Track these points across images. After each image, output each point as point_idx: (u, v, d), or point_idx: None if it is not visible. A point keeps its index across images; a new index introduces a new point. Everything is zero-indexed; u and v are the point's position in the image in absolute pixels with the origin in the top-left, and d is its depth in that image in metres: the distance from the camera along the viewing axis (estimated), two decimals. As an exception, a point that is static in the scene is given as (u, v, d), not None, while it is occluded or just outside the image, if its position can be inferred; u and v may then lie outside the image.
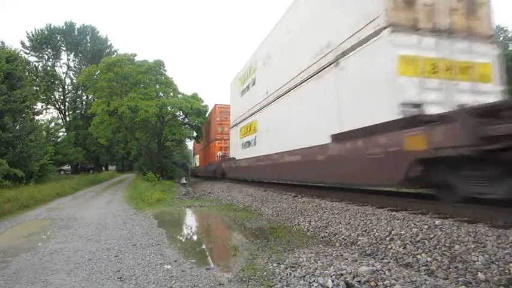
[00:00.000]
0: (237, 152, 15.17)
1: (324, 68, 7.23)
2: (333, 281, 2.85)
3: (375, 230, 4.38)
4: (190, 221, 7.77)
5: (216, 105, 21.99)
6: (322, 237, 4.97)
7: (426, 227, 3.88)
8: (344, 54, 6.43)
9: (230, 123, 17.48)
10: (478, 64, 5.53)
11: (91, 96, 27.52)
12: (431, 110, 4.94)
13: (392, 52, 5.19)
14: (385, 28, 5.29)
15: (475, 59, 5.53)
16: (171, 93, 21.59)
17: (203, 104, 22.75)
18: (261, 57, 12.09)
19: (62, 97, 33.39)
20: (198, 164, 31.59)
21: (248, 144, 13.44)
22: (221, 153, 20.41)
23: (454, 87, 5.34)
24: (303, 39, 8.30)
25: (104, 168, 41.62)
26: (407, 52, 5.20)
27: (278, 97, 9.98)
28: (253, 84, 13.04)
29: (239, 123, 14.95)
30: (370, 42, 5.66)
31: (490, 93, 5.41)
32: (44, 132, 19.54)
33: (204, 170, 26.00)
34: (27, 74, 22.21)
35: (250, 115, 13.12)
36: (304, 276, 3.04)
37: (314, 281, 2.91)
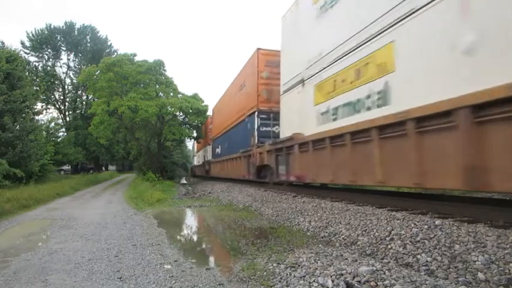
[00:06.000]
0: (308, 127, 7.94)
1: None
2: (333, 281, 2.85)
3: (374, 230, 4.38)
4: (190, 221, 7.77)
5: (258, 49, 11.91)
6: (322, 237, 4.97)
7: (426, 227, 3.88)
8: None
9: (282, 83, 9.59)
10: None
11: (91, 96, 27.52)
12: None
13: None
14: None
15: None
16: (171, 93, 21.58)
17: (203, 104, 22.75)
18: None
19: (62, 97, 33.48)
20: (201, 162, 27.03)
21: (353, 106, 6.14)
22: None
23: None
24: None
25: (103, 168, 41.67)
26: None
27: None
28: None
29: (317, 73, 7.52)
30: None
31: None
32: (44, 132, 19.53)
33: (218, 169, 19.22)
34: (27, 74, 22.19)
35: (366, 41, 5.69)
36: (304, 276, 3.04)
37: (314, 281, 2.91)
